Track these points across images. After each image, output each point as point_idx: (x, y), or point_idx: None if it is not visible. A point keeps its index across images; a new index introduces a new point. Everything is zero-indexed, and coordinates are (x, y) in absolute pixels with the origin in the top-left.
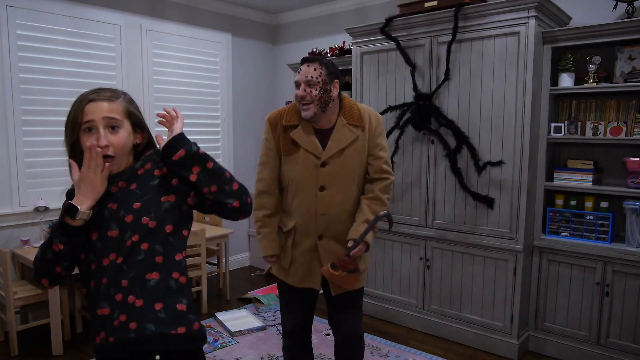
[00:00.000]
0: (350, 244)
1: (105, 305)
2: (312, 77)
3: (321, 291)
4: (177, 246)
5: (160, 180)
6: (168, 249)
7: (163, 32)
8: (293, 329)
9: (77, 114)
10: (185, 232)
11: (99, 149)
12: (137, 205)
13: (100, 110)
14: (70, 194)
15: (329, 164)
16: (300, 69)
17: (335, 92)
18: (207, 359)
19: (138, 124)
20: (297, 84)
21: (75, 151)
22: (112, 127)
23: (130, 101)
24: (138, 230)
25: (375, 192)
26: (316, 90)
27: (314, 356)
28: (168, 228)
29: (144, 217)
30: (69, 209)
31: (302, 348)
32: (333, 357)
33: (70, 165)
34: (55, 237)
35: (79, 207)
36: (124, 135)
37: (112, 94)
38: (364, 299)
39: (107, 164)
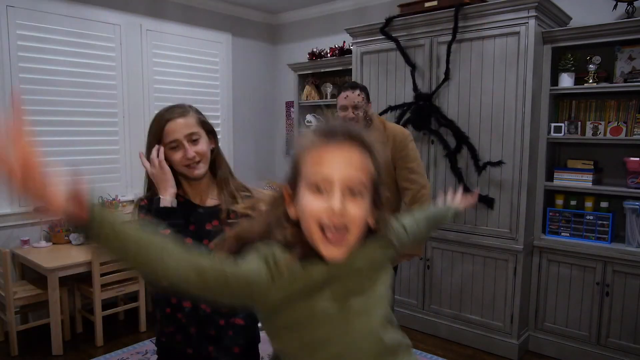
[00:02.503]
0: None
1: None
2: (358, 101)
3: None
4: None
5: None
6: None
7: (163, 32)
8: None
9: (159, 134)
10: None
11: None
12: None
13: (180, 128)
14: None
15: None
16: (347, 95)
17: (370, 112)
18: None
19: (210, 130)
20: (345, 108)
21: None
22: (193, 140)
23: (198, 111)
24: None
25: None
26: (361, 112)
27: None
28: None
29: None
30: (160, 208)
31: None
32: None
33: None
34: (160, 225)
35: (166, 203)
36: (204, 143)
37: (183, 110)
38: None
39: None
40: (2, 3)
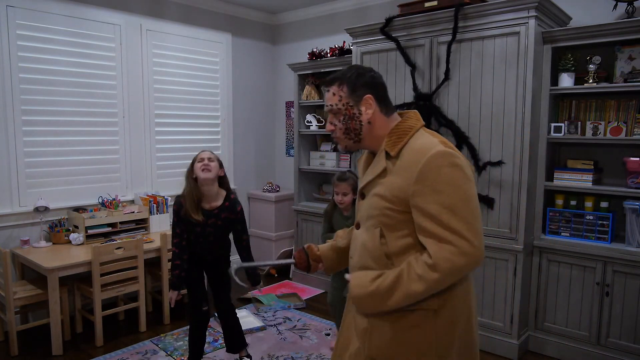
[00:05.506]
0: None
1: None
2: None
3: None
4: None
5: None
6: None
7: (163, 32)
8: None
9: (196, 156)
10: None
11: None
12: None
13: (206, 155)
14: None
15: None
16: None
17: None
18: (207, 359)
19: (221, 164)
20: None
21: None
22: (210, 160)
23: (216, 155)
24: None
25: None
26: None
27: (314, 356)
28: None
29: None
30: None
31: None
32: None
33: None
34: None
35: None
36: (216, 165)
37: (211, 152)
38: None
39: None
40: (2, 3)
